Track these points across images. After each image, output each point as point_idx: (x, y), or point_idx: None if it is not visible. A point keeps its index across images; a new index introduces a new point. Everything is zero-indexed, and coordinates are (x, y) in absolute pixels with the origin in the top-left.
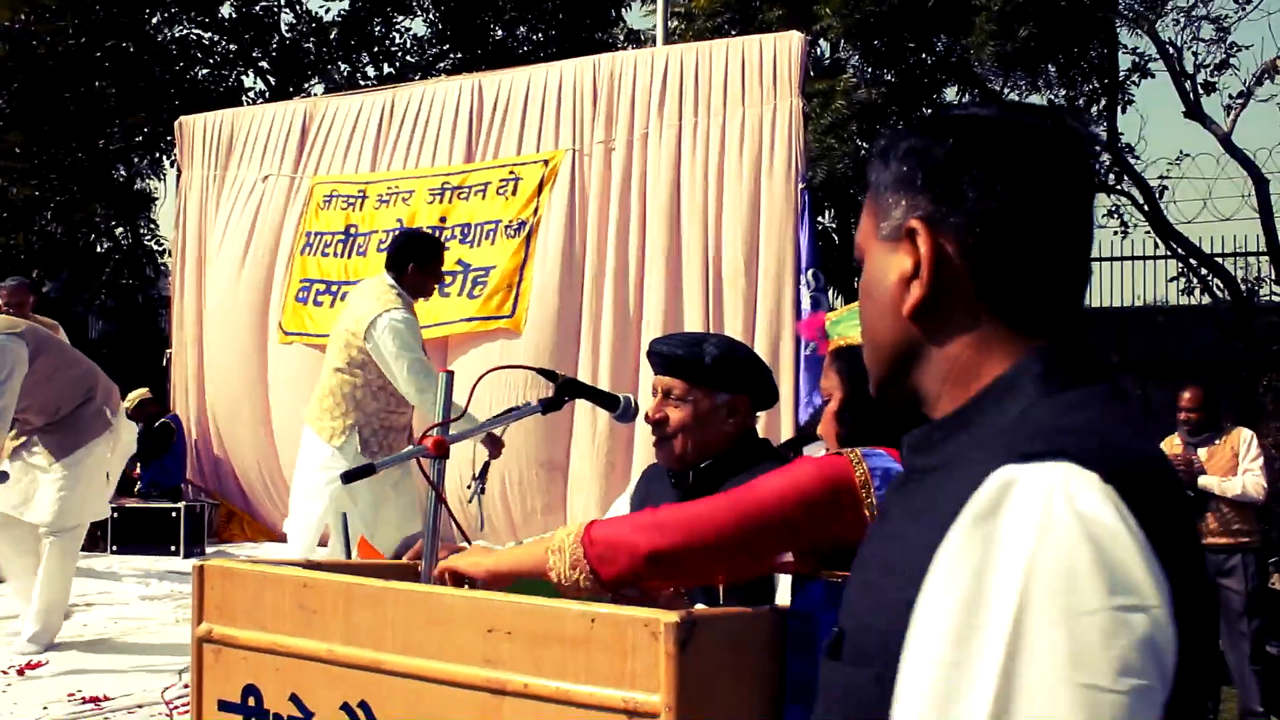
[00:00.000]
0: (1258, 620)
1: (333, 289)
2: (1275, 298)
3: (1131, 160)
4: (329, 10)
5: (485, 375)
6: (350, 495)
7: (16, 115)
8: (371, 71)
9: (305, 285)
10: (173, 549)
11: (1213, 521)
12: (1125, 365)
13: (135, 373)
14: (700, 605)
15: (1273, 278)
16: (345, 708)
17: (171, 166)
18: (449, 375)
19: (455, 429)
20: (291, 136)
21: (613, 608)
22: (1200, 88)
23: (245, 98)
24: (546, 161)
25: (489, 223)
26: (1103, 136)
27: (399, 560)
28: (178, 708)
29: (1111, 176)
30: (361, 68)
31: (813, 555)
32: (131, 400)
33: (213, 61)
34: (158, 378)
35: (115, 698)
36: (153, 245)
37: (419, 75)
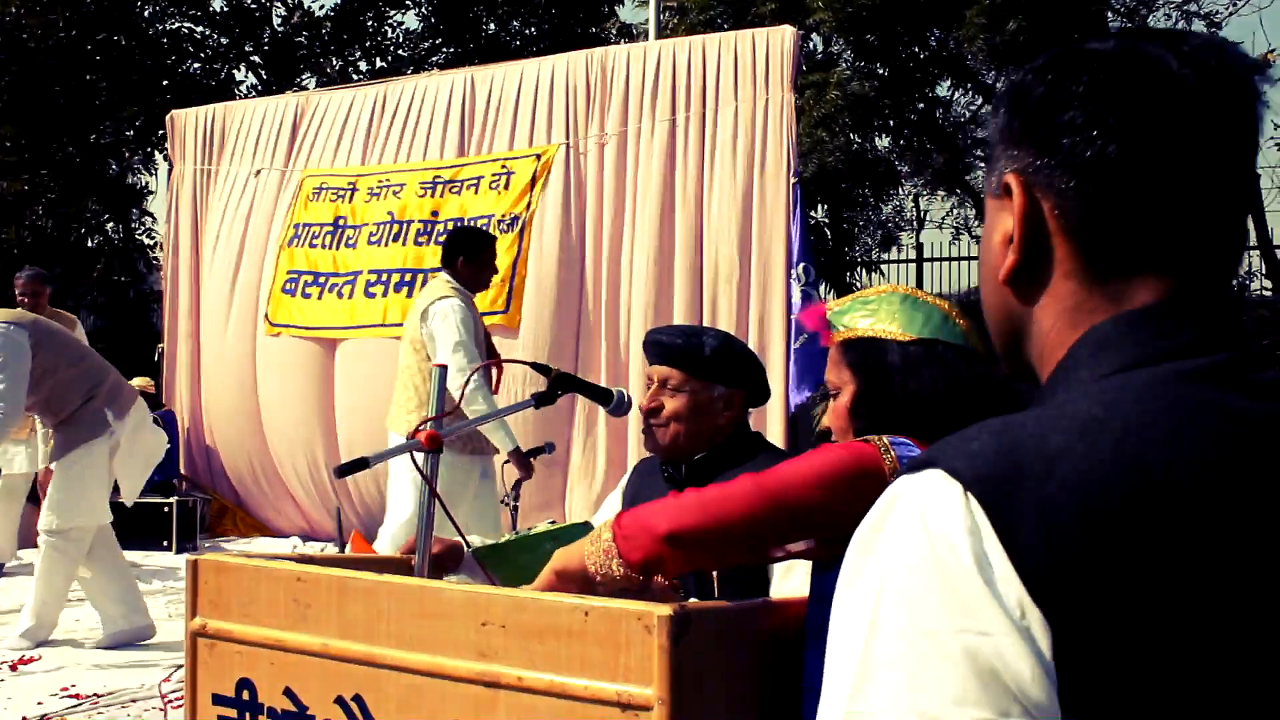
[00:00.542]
0: None
1: (320, 280)
2: (1266, 292)
3: None
4: (321, 4)
5: (479, 369)
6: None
7: (7, 109)
8: (364, 66)
9: (293, 277)
10: (165, 544)
11: None
12: None
13: (128, 368)
14: (693, 599)
15: (1263, 271)
16: (339, 701)
17: (163, 161)
18: (442, 370)
19: (450, 423)
20: (283, 131)
21: (606, 601)
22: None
23: (237, 92)
24: (539, 156)
25: (482, 217)
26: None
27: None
28: (172, 702)
29: None
30: (353, 62)
31: (834, 542)
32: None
33: (204, 55)
34: (150, 373)
35: (108, 693)
36: (144, 240)
37: (411, 70)
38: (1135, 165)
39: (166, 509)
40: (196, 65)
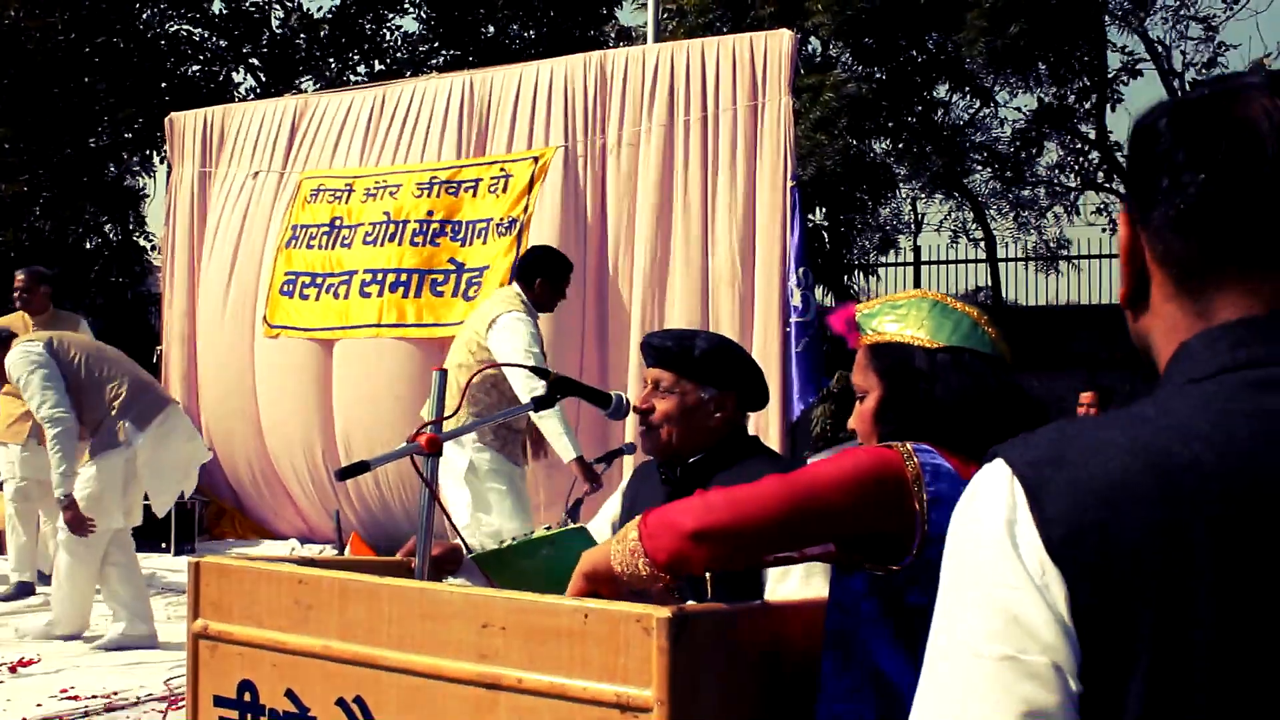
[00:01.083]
0: None
1: (318, 281)
2: None
3: (1120, 158)
4: (320, 7)
5: (479, 373)
6: (473, 487)
7: (6, 111)
8: (362, 68)
9: (290, 278)
10: (163, 546)
11: None
12: (1115, 362)
13: None
14: (691, 601)
15: None
16: (341, 703)
17: (162, 163)
18: (442, 374)
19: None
20: (281, 133)
21: (605, 603)
22: (1188, 86)
23: (235, 94)
24: (537, 159)
25: (480, 221)
26: (1091, 135)
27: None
28: (174, 703)
29: (1100, 174)
30: (352, 65)
31: (855, 545)
32: None
33: (203, 58)
34: (149, 375)
35: (108, 695)
36: (141, 241)
37: (410, 72)
38: (1215, 204)
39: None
40: (195, 68)
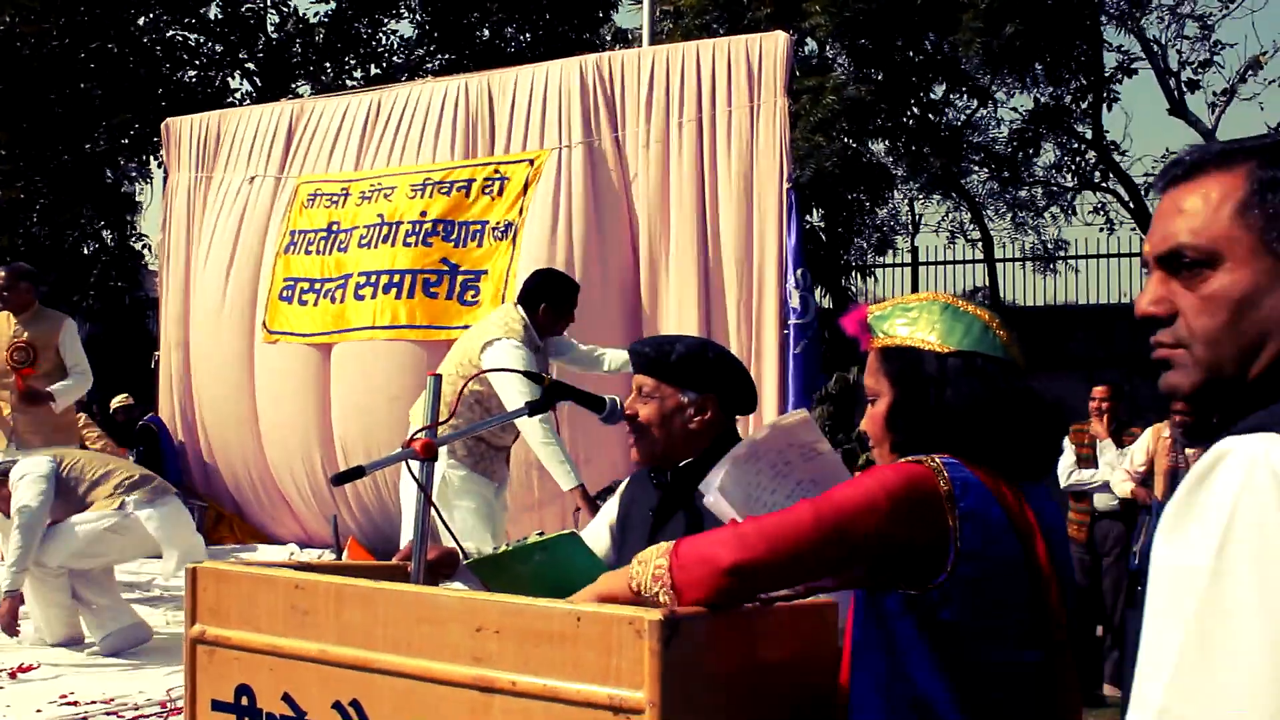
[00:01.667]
0: None
1: (316, 287)
2: None
3: (1117, 158)
4: (316, 12)
5: (474, 378)
6: (442, 500)
7: (1, 117)
8: (358, 73)
9: (289, 284)
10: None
11: None
12: (1111, 360)
13: (123, 376)
14: None
15: None
16: (337, 706)
17: (158, 168)
18: (437, 379)
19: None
20: (277, 138)
21: (598, 606)
22: (1184, 85)
23: (232, 99)
24: (532, 161)
25: (475, 223)
26: (1088, 135)
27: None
28: (174, 712)
29: (1097, 174)
30: (348, 69)
31: (888, 566)
32: (116, 403)
33: (199, 63)
34: (146, 380)
35: (108, 700)
36: (137, 246)
37: (406, 76)
38: None
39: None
40: (191, 73)
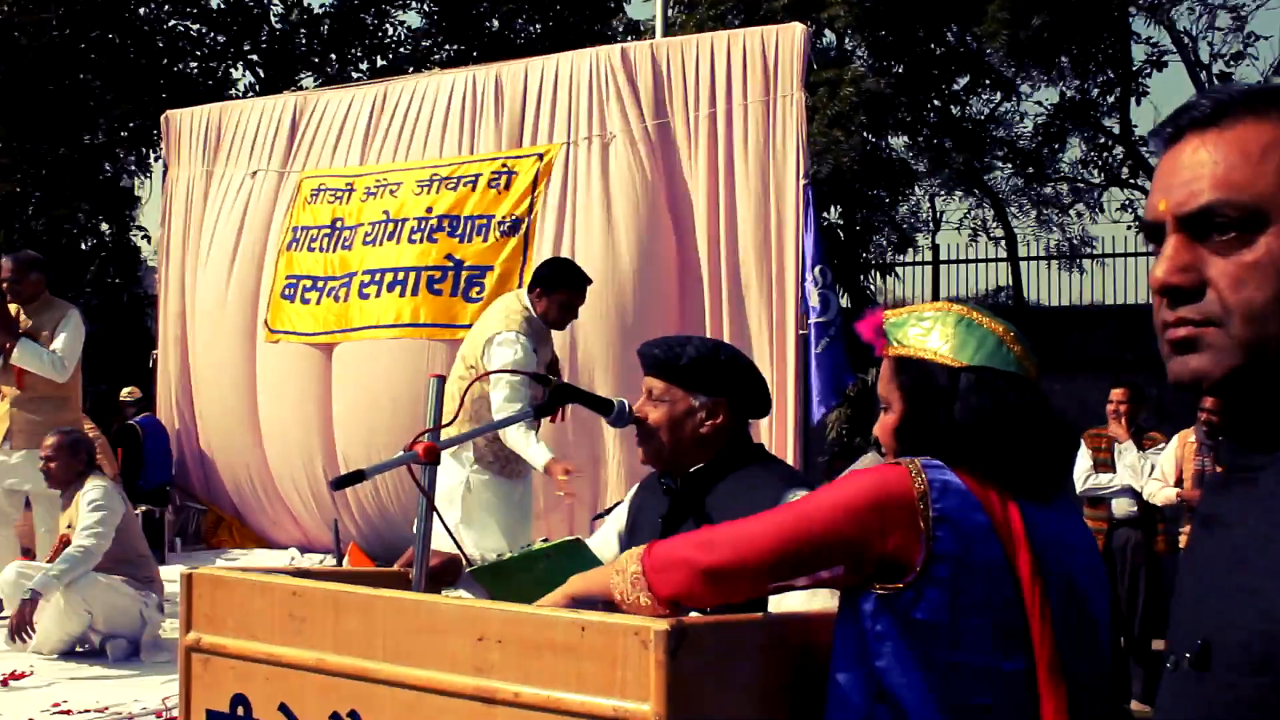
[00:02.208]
0: None
1: (319, 285)
2: None
3: (1145, 154)
4: (321, 2)
5: (479, 379)
6: (465, 504)
7: None
8: (364, 65)
9: (292, 282)
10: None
11: None
12: (1139, 363)
13: (121, 374)
14: (694, 612)
15: None
16: (335, 717)
17: (158, 162)
18: (439, 380)
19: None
20: (281, 131)
21: (603, 615)
22: (1216, 78)
23: (234, 91)
24: (541, 156)
25: (480, 217)
26: (1116, 130)
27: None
28: (168, 718)
29: (1125, 170)
30: (354, 61)
31: (863, 567)
32: (124, 395)
33: (201, 54)
34: (144, 379)
35: (102, 709)
36: (137, 241)
37: (412, 69)
38: None
39: (158, 515)
40: (193, 64)
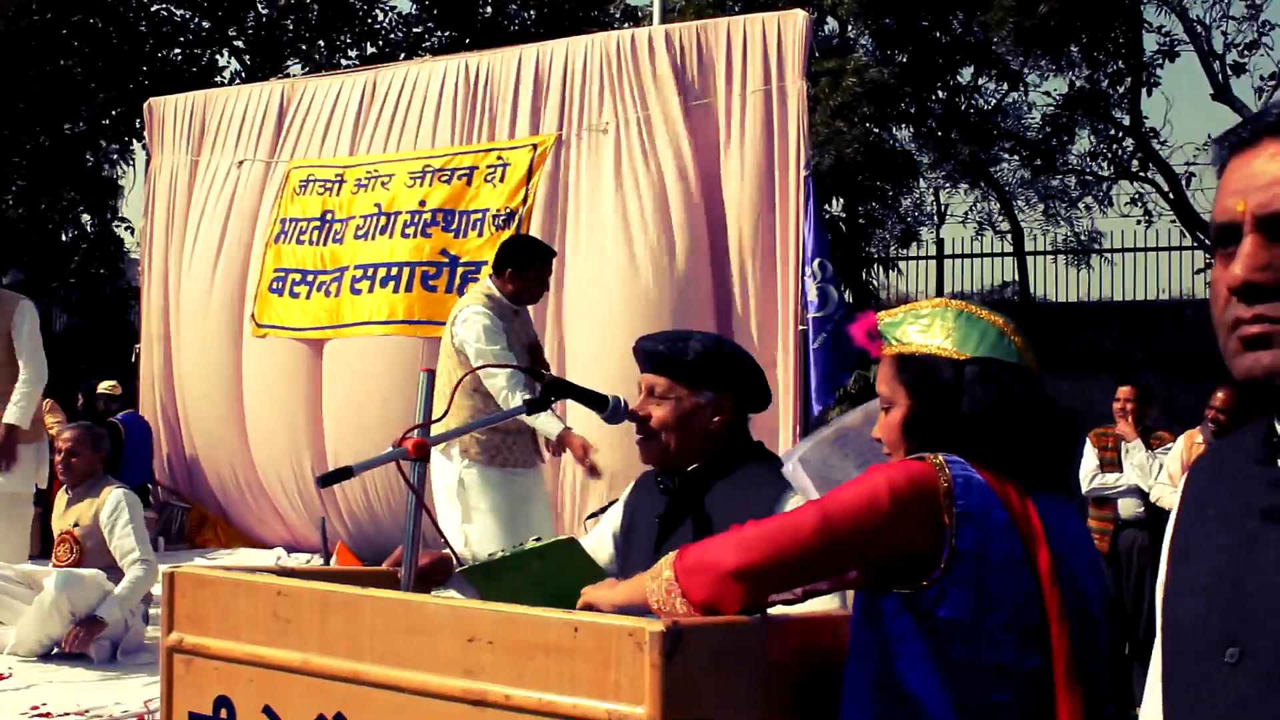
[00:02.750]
0: None
1: (309, 279)
2: None
3: (1156, 146)
4: None
5: (470, 374)
6: (462, 501)
7: None
8: (353, 52)
9: (280, 275)
10: None
11: None
12: (1149, 362)
13: (103, 369)
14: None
15: None
16: None
17: (141, 150)
18: (429, 375)
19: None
20: (268, 119)
21: (596, 616)
22: (1229, 68)
23: (219, 78)
24: (535, 146)
25: (475, 211)
26: (1126, 122)
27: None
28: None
29: (1135, 163)
30: (342, 48)
31: (887, 566)
32: (103, 389)
33: (185, 40)
34: (127, 374)
35: (82, 711)
36: (120, 232)
37: (403, 56)
38: None
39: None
40: (177, 50)
